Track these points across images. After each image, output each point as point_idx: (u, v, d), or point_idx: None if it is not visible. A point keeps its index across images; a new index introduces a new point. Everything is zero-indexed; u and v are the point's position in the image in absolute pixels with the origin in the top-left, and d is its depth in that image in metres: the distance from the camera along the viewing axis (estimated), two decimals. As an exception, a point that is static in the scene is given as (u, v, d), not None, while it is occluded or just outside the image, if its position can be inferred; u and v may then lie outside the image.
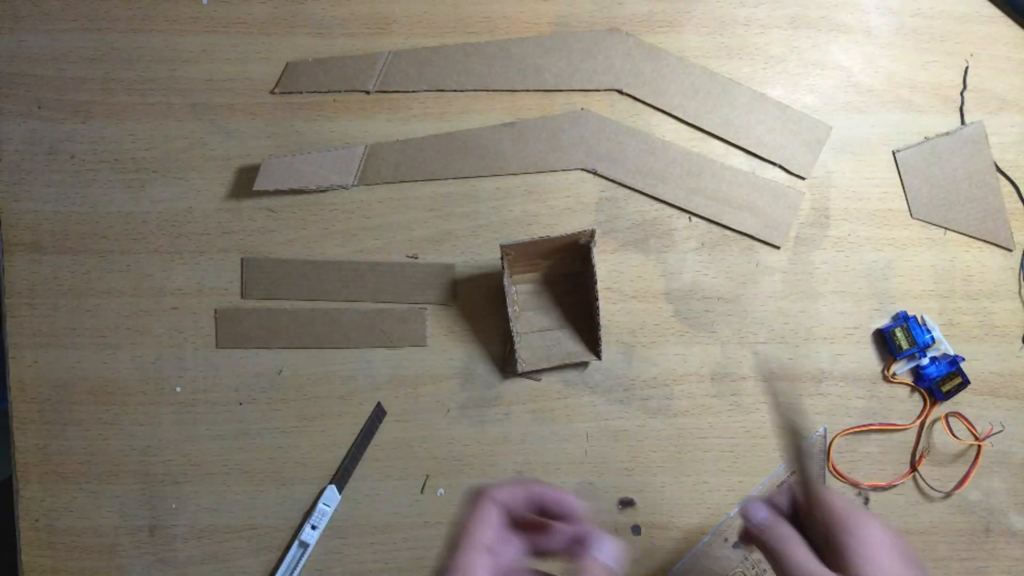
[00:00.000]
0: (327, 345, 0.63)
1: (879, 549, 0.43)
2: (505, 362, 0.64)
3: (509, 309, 0.60)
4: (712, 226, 0.64)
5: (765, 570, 0.64)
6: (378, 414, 0.56)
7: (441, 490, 0.64)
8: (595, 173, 0.64)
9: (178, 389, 0.64)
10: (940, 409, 0.64)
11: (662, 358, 0.64)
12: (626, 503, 0.64)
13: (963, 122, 0.64)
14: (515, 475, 0.64)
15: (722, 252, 0.64)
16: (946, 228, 0.64)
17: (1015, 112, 0.64)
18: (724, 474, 0.64)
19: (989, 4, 0.64)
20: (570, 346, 0.62)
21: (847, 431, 0.64)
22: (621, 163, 0.64)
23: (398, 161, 0.63)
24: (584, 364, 0.64)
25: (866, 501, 0.64)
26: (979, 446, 0.63)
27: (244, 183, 0.63)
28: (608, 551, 0.41)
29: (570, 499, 0.43)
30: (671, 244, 0.64)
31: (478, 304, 0.64)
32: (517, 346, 0.60)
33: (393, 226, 0.64)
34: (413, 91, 0.64)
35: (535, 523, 0.43)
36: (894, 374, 0.64)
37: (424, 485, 0.64)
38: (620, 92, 0.64)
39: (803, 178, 0.64)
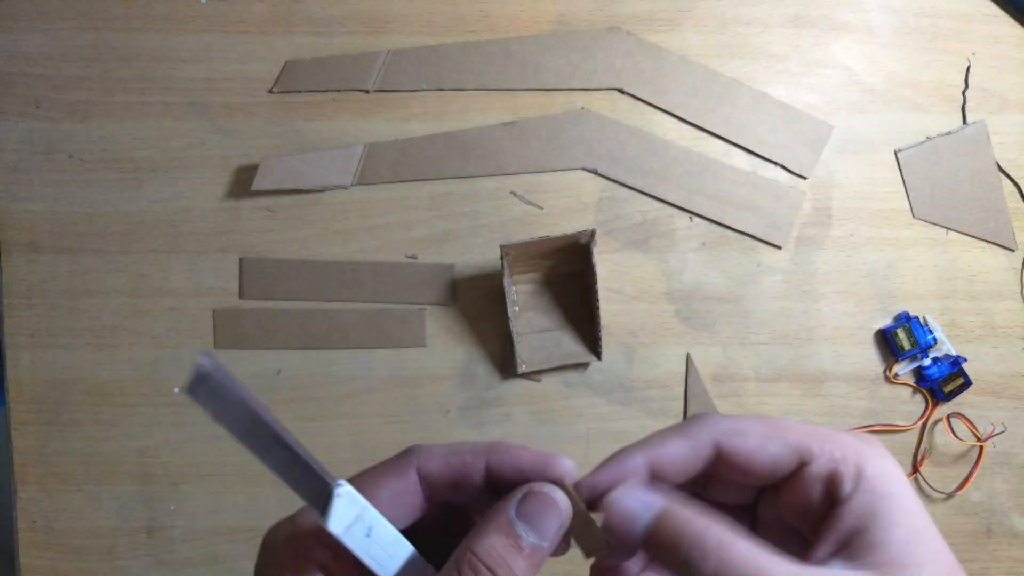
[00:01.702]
0: (326, 345, 0.63)
1: (922, 523, 0.26)
2: (505, 363, 0.63)
3: (509, 309, 0.60)
4: (713, 226, 0.64)
5: (766, 571, 0.63)
6: None
7: (441, 491, 0.63)
8: (596, 173, 0.63)
9: (176, 390, 0.63)
10: (942, 410, 0.63)
11: (663, 359, 0.63)
12: (627, 504, 0.63)
13: (965, 121, 0.64)
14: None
15: (723, 252, 0.64)
16: (948, 228, 0.64)
17: (1017, 111, 0.64)
18: (725, 475, 0.63)
19: (991, 3, 0.64)
20: (570, 347, 0.62)
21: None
22: (622, 163, 0.63)
23: (397, 161, 0.63)
24: (584, 365, 0.63)
25: (868, 502, 0.64)
26: (981, 447, 0.63)
27: (243, 183, 0.63)
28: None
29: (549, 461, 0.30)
30: (672, 244, 0.64)
31: (478, 304, 0.63)
32: (517, 347, 0.60)
33: (392, 226, 0.63)
34: (412, 91, 0.63)
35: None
36: (896, 375, 0.63)
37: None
38: (621, 91, 0.64)
39: (805, 178, 0.64)
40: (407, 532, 0.28)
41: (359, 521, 0.27)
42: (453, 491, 0.30)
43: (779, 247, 0.64)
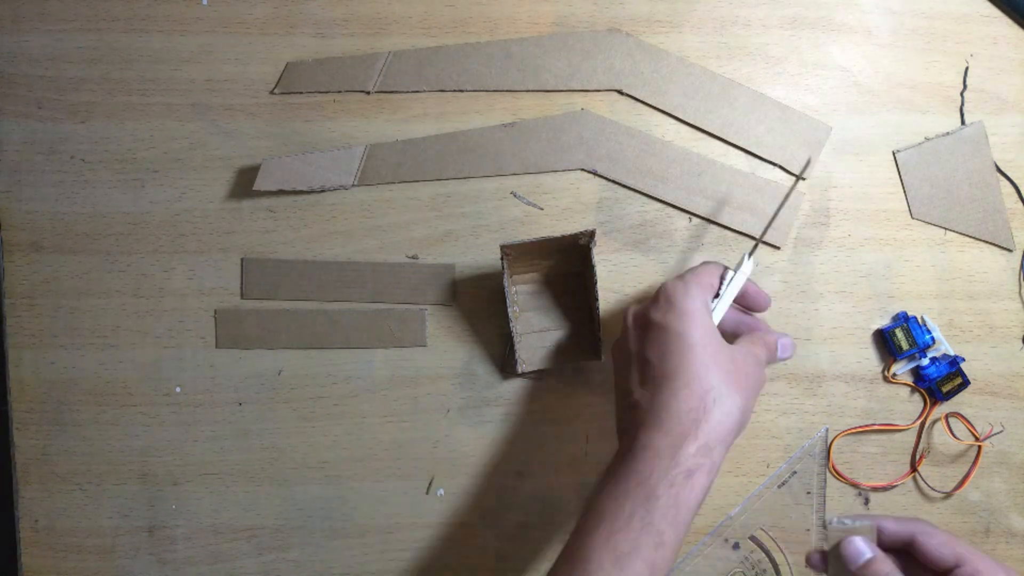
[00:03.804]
0: (327, 345, 0.63)
1: None
2: (505, 362, 0.64)
3: (509, 309, 0.60)
4: (712, 226, 0.64)
5: (764, 570, 0.64)
6: None
7: (441, 491, 0.64)
8: (595, 173, 0.64)
9: (178, 389, 0.64)
10: (940, 409, 0.64)
11: (662, 358, 0.64)
12: (626, 503, 0.64)
13: (963, 122, 0.64)
14: (515, 476, 0.64)
15: (722, 252, 0.64)
16: (946, 228, 0.64)
17: (1015, 112, 0.64)
18: (723, 475, 0.64)
19: (989, 4, 0.64)
20: (570, 347, 0.62)
21: (847, 431, 0.64)
22: (621, 163, 0.64)
23: (398, 161, 0.63)
24: (584, 365, 0.63)
25: (866, 502, 0.64)
26: (979, 446, 0.63)
27: (244, 183, 0.63)
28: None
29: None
30: (671, 244, 0.64)
31: (478, 304, 0.64)
32: (517, 346, 0.60)
33: (393, 226, 0.64)
34: (413, 91, 0.64)
35: None
36: (894, 374, 0.64)
37: (429, 486, 0.64)
38: (620, 92, 0.64)
39: (803, 179, 0.64)
40: None
41: None
42: None
43: (778, 247, 0.64)
